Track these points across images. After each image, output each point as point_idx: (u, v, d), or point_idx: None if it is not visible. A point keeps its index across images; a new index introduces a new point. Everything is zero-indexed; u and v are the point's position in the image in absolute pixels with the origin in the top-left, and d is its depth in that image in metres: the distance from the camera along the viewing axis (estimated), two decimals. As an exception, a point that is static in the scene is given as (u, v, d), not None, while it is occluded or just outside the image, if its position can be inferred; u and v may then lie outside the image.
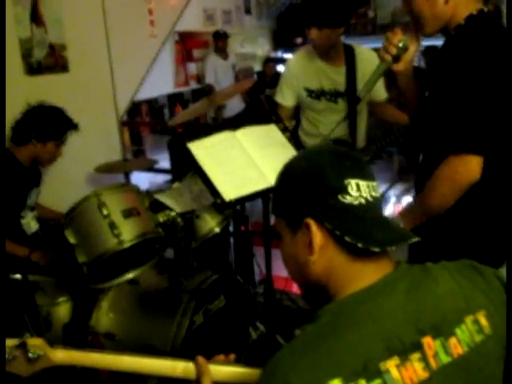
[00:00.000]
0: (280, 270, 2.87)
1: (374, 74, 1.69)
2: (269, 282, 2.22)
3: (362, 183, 0.92)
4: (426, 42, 7.30)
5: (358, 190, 0.91)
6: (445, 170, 1.55)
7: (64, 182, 3.27)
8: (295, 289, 3.30)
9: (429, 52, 5.84)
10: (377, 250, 0.88)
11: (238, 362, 1.14)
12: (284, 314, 3.05)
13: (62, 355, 1.11)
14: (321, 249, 0.92)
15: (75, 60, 3.43)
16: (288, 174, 0.99)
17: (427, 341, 0.86)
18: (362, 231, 0.90)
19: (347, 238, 0.88)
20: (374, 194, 0.93)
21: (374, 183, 0.95)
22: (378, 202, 0.95)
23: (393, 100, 3.32)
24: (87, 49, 3.55)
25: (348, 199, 0.90)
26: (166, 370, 1.12)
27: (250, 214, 3.30)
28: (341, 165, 0.93)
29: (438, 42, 1.78)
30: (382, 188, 4.72)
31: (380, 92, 2.69)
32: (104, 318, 2.20)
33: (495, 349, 0.92)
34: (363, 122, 2.74)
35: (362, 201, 0.91)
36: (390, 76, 1.81)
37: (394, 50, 1.65)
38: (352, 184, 0.91)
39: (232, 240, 3.26)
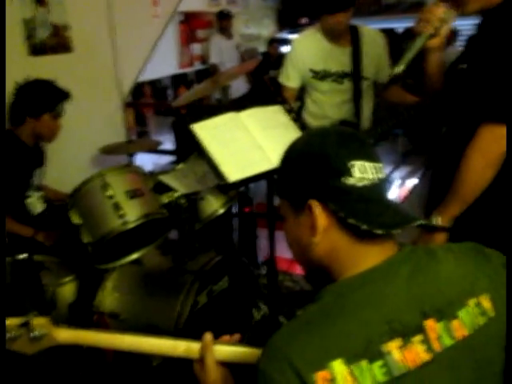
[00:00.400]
0: (283, 252, 2.88)
1: (412, 48, 1.62)
2: (272, 263, 2.23)
3: (368, 165, 0.91)
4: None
5: (362, 172, 0.90)
6: (476, 143, 1.52)
7: (69, 164, 3.27)
8: (298, 270, 3.32)
9: None
10: (380, 232, 0.88)
11: (241, 342, 1.15)
12: (287, 295, 3.07)
13: (65, 334, 1.12)
14: (324, 231, 0.91)
15: (78, 40, 3.40)
16: (292, 154, 0.99)
17: (430, 323, 0.86)
18: (365, 213, 0.89)
19: (350, 220, 0.88)
20: (379, 175, 0.93)
21: (380, 165, 0.94)
22: (383, 184, 0.94)
23: (398, 80, 3.29)
24: (90, 29, 3.52)
25: (351, 181, 0.90)
26: (168, 350, 1.13)
27: (253, 196, 3.31)
28: (346, 146, 0.92)
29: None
30: (386, 170, 4.71)
31: (385, 73, 2.67)
32: (109, 297, 2.22)
33: (498, 331, 0.92)
34: (369, 103, 2.72)
35: (366, 182, 0.90)
36: (394, 56, 1.77)
37: (437, 23, 1.59)
38: (357, 165, 0.90)
39: (236, 221, 3.26)
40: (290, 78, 2.66)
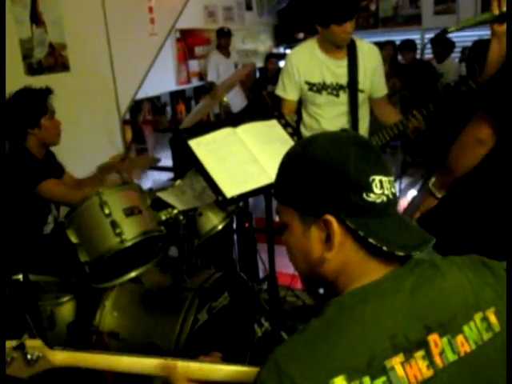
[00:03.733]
0: (285, 267, 2.86)
1: (473, 18, 1.64)
2: (272, 278, 2.20)
3: (385, 179, 0.88)
4: (429, 35, 7.25)
5: (381, 188, 0.87)
6: (470, 124, 1.65)
7: (67, 182, 3.27)
8: (300, 285, 3.30)
9: (437, 42, 5.78)
10: (401, 254, 0.86)
11: (243, 359, 1.14)
12: (289, 310, 3.04)
13: (60, 357, 1.10)
14: (338, 246, 0.88)
15: (76, 59, 3.42)
16: (306, 162, 0.91)
17: (434, 338, 0.84)
18: (385, 233, 0.87)
19: (371, 240, 0.85)
20: (393, 190, 0.90)
21: (392, 178, 0.91)
22: (396, 199, 0.92)
23: (396, 92, 3.29)
24: (87, 48, 3.54)
25: (372, 197, 0.87)
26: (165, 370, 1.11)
27: (253, 211, 3.30)
28: (365, 159, 0.88)
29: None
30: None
31: (380, 88, 2.68)
32: (108, 317, 2.19)
33: (503, 347, 0.90)
34: (365, 116, 2.72)
35: (384, 199, 0.88)
36: (393, 67, 1.80)
37: (504, 8, 1.57)
38: (376, 181, 0.87)
39: (235, 237, 3.25)
40: (288, 91, 2.65)
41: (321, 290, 3.29)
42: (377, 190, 0.87)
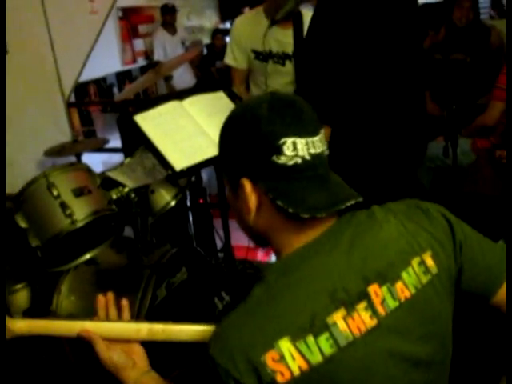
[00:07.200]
0: (241, 240, 2.87)
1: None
2: (228, 250, 2.21)
3: (300, 141, 0.87)
4: None
5: (294, 150, 0.87)
6: None
7: (13, 169, 3.16)
8: (259, 257, 3.33)
9: None
10: (306, 216, 0.86)
11: None
12: (249, 282, 3.06)
13: (21, 325, 1.10)
14: (258, 208, 0.91)
15: (13, 42, 3.28)
16: (226, 129, 0.96)
17: (373, 288, 0.87)
18: (293, 195, 0.87)
19: (279, 202, 0.86)
20: (313, 151, 0.88)
21: (316, 138, 0.89)
22: (317, 159, 0.89)
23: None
24: (25, 29, 3.40)
25: (282, 160, 0.86)
26: (131, 333, 1.11)
27: (208, 187, 3.29)
28: (278, 121, 0.88)
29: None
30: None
31: None
32: (65, 301, 2.16)
33: (441, 287, 0.93)
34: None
35: (298, 160, 0.87)
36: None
37: None
38: (288, 143, 0.86)
39: (191, 214, 3.23)
40: (238, 59, 2.63)
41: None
42: (288, 153, 0.86)
